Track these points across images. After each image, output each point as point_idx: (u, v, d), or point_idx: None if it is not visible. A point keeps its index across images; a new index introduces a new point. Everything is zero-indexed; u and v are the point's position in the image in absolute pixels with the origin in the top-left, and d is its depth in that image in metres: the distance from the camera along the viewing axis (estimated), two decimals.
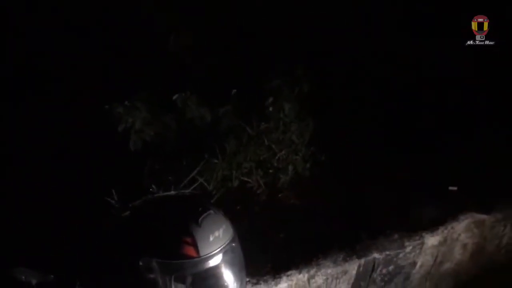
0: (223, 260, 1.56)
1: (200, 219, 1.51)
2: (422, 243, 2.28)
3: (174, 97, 2.33)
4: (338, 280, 2.07)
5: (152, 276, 1.53)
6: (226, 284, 1.59)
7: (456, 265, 2.61)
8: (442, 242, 2.38)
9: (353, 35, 3.09)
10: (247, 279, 1.85)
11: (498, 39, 2.70)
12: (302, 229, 2.18)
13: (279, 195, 2.39)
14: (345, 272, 2.07)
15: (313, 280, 1.98)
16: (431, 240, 2.32)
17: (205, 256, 1.50)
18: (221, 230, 1.56)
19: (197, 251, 1.48)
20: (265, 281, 1.87)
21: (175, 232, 1.52)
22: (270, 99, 2.52)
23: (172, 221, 1.56)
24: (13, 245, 1.86)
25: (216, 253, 1.53)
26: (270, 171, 2.46)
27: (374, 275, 2.20)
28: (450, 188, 2.64)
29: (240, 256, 1.68)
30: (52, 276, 1.57)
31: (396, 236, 2.25)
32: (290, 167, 2.50)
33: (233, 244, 1.64)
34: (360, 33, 3.13)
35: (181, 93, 2.32)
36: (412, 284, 2.46)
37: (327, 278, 2.02)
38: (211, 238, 1.52)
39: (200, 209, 1.56)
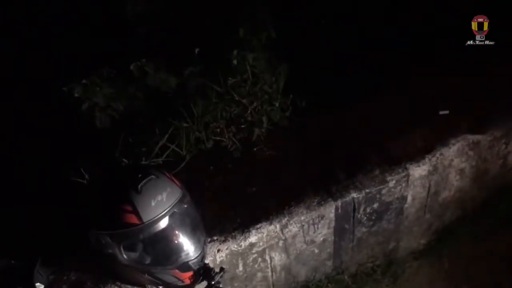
0: (171, 223, 1.54)
1: (139, 186, 1.49)
2: (408, 175, 2.16)
3: (131, 67, 2.29)
4: (316, 226, 2.01)
5: (104, 248, 1.54)
6: (179, 245, 1.58)
7: (457, 192, 2.46)
8: (432, 171, 2.24)
9: None
10: (215, 238, 1.83)
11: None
12: (276, 180, 2.12)
13: (254, 149, 2.32)
14: (322, 217, 2.00)
15: (287, 230, 1.93)
16: (418, 170, 2.18)
17: (148, 222, 1.48)
18: (164, 194, 1.52)
19: (139, 218, 1.47)
20: (233, 237, 1.84)
21: (114, 203, 1.51)
22: (235, 52, 2.42)
23: (111, 192, 1.55)
24: None
25: (161, 217, 1.50)
26: (243, 126, 2.39)
27: (358, 215, 2.11)
28: (441, 112, 2.45)
29: (193, 216, 1.65)
30: (13, 261, 1.62)
31: (377, 171, 2.13)
32: (265, 119, 2.42)
33: (184, 206, 1.61)
34: None
35: (137, 62, 2.28)
36: (409, 218, 2.35)
37: (302, 225, 1.96)
38: (153, 203, 1.49)
39: (140, 176, 1.54)
